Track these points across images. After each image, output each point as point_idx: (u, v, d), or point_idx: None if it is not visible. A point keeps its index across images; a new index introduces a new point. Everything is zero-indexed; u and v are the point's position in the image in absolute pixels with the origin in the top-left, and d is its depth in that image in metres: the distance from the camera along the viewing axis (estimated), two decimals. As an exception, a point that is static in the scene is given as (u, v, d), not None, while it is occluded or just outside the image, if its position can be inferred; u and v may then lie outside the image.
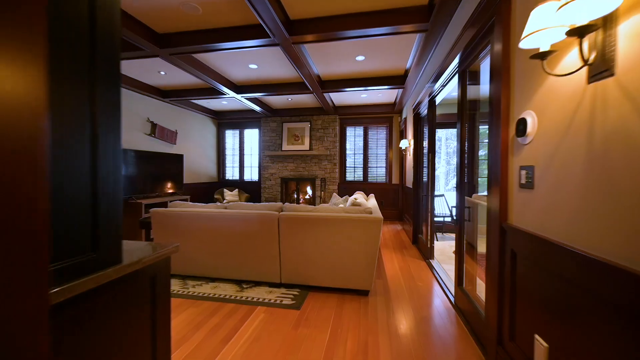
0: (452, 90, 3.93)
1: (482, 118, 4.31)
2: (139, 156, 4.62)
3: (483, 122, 4.63)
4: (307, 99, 5.70)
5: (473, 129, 4.38)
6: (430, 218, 3.44)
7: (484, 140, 4.77)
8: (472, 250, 3.05)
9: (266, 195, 6.88)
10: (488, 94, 1.65)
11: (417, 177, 4.21)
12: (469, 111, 2.29)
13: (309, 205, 2.69)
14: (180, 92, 5.12)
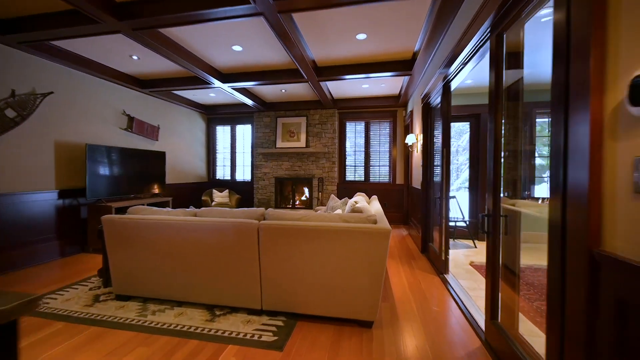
0: (466, 77, 3.37)
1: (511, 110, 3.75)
2: (112, 153, 4.08)
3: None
4: (303, 91, 5.16)
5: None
6: (444, 225, 2.89)
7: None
8: (506, 271, 2.50)
9: (259, 197, 6.35)
10: (528, 81, 1.11)
11: (427, 177, 3.67)
12: (504, 99, 1.75)
13: (298, 211, 2.15)
14: (160, 82, 4.58)
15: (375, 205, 2.95)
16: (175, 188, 5.67)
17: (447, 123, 2.90)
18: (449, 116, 2.89)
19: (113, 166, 4.12)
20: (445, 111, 2.89)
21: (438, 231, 3.36)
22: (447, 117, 2.89)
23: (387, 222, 1.98)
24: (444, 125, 2.91)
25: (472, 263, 3.37)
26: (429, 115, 3.66)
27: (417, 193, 4.25)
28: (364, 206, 2.44)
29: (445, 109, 2.89)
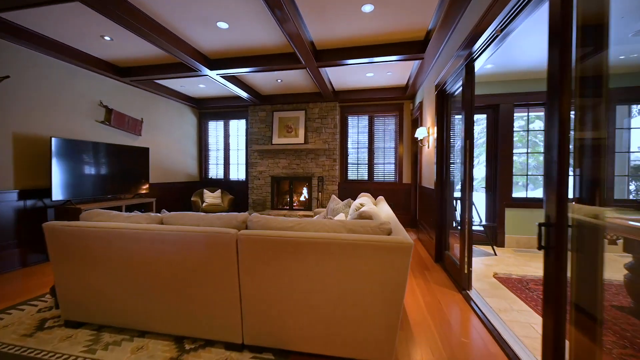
0: (486, 62, 2.82)
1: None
2: (85, 148, 3.62)
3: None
4: (301, 81, 4.69)
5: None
6: (467, 233, 2.42)
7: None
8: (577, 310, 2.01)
9: (254, 197, 5.88)
10: None
11: (442, 175, 3.19)
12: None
13: (289, 218, 1.68)
14: (142, 70, 4.11)
15: (385, 209, 2.48)
16: (162, 188, 5.21)
17: (470, 110, 2.42)
18: (473, 102, 2.42)
19: (86, 163, 3.65)
20: (468, 97, 2.42)
21: (457, 238, 2.89)
22: (471, 104, 2.41)
23: (406, 233, 1.51)
24: (466, 114, 2.43)
25: (496, 275, 2.90)
26: (445, 105, 3.19)
27: (428, 193, 3.78)
28: (372, 210, 1.97)
29: (468, 94, 2.41)
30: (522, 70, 3.66)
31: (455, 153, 3.09)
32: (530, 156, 4.29)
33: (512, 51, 3.16)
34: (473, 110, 2.42)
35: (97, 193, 3.78)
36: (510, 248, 3.92)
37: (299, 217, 5.29)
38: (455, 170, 3.12)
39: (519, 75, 3.81)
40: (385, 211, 2.31)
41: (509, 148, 3.94)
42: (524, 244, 3.92)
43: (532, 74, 3.77)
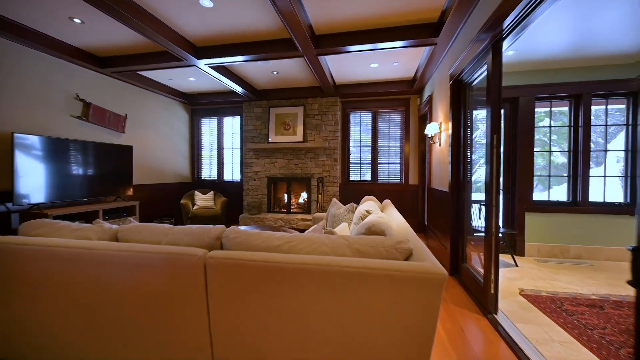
0: (509, 47, 2.39)
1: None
2: (56, 146, 3.24)
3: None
4: (299, 73, 4.30)
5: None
6: (494, 245, 2.02)
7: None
8: None
9: (249, 199, 5.49)
10: None
11: (458, 175, 2.80)
12: None
13: (277, 234, 1.28)
14: (123, 60, 3.73)
15: (395, 216, 2.09)
16: (148, 189, 4.82)
17: (497, 99, 2.03)
18: (500, 89, 2.02)
19: (58, 163, 3.27)
20: (495, 83, 2.02)
21: (475, 247, 2.50)
22: (498, 91, 2.02)
23: (432, 255, 1.12)
24: (493, 103, 2.04)
25: (523, 292, 2.50)
26: (461, 96, 2.79)
27: (440, 196, 3.39)
28: (383, 221, 1.57)
29: (496, 80, 2.02)
30: (545, 59, 3.27)
31: (475, 150, 2.70)
32: (538, 155, 3.82)
33: (535, 36, 2.77)
34: (500, 98, 2.03)
35: (71, 196, 3.40)
36: (531, 257, 3.52)
37: (297, 220, 4.91)
38: (475, 169, 2.73)
39: (541, 65, 3.42)
40: (397, 220, 1.92)
41: (529, 145, 3.55)
42: (546, 252, 3.52)
43: (557, 63, 3.37)
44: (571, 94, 3.47)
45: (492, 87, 2.04)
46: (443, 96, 3.29)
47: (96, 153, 3.71)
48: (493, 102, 2.03)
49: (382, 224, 1.37)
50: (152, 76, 4.50)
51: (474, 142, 2.71)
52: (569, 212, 3.48)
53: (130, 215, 3.92)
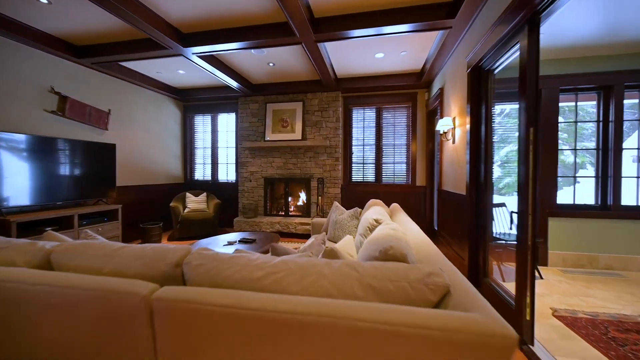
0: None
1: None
2: (26, 144, 2.90)
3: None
4: (297, 65, 3.95)
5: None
6: (531, 261, 1.67)
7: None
8: None
9: (245, 201, 5.14)
10: None
11: (478, 176, 2.44)
12: None
13: (258, 260, 0.93)
14: (103, 49, 3.39)
15: (411, 227, 1.73)
16: (136, 192, 4.48)
17: (534, 84, 1.67)
18: (537, 71, 1.67)
19: (28, 162, 2.93)
20: (532, 64, 1.66)
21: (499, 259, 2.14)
22: (535, 74, 1.66)
23: (481, 296, 0.76)
24: (529, 90, 1.68)
25: (557, 313, 2.14)
26: (482, 86, 2.43)
27: (454, 200, 3.03)
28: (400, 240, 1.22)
29: (533, 61, 1.66)
30: (572, 45, 2.91)
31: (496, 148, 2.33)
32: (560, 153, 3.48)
33: (562, 18, 2.42)
34: (537, 83, 1.67)
35: (44, 199, 3.06)
36: (556, 267, 3.16)
37: (295, 224, 4.49)
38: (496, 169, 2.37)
39: (567, 52, 3.05)
40: (413, 232, 1.57)
41: (553, 143, 3.18)
42: (571, 262, 3.16)
43: (585, 50, 3.01)
44: (601, 86, 3.11)
45: (527, 69, 1.68)
46: (458, 87, 2.93)
47: (73, 152, 3.37)
48: (529, 88, 1.67)
49: (402, 246, 1.01)
50: (139, 69, 4.16)
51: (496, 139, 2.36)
52: (598, 217, 3.11)
53: (112, 220, 3.58)
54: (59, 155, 3.22)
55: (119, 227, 3.61)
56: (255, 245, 2.68)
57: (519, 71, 1.78)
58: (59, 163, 3.21)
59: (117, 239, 3.58)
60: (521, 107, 1.75)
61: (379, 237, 1.20)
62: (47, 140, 3.10)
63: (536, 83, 1.66)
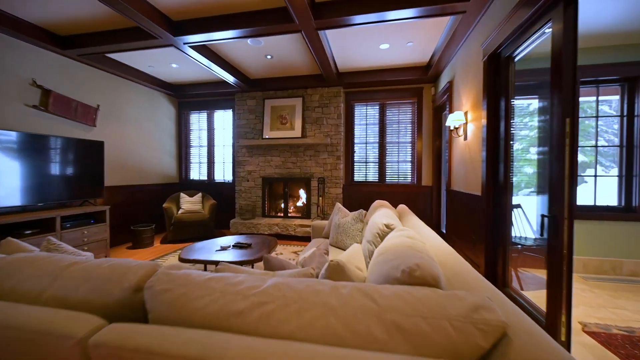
0: None
1: None
2: (7, 141, 2.68)
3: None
4: (297, 57, 3.72)
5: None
6: (567, 273, 1.44)
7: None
8: None
9: (242, 202, 4.91)
10: None
11: (496, 176, 2.21)
12: None
13: (244, 281, 0.70)
14: (89, 39, 3.16)
15: (426, 233, 1.51)
16: (127, 192, 4.25)
17: (572, 69, 1.44)
18: (576, 51, 1.44)
19: (5, 160, 2.71)
20: (568, 43, 1.43)
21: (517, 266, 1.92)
22: (572, 54, 1.43)
23: (554, 344, 0.53)
24: (566, 75, 1.45)
25: (587, 328, 1.91)
26: (501, 75, 2.20)
27: (465, 201, 2.80)
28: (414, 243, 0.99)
29: (570, 41, 1.43)
30: (594, 33, 2.67)
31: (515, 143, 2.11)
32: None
33: (581, 5, 2.19)
34: (576, 65, 1.44)
35: (24, 200, 2.83)
36: (576, 274, 2.93)
37: (295, 226, 4.23)
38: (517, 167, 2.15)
39: (590, 41, 2.82)
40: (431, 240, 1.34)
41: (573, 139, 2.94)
42: (593, 268, 2.93)
43: (607, 38, 2.77)
44: (625, 77, 2.88)
45: (563, 52, 1.45)
46: (470, 79, 2.70)
47: (57, 149, 3.14)
48: (566, 73, 1.44)
49: (431, 264, 0.78)
50: (129, 62, 3.93)
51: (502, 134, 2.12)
52: (622, 220, 2.88)
53: (100, 223, 3.35)
54: (40, 153, 2.99)
55: (107, 229, 3.38)
56: (251, 250, 2.45)
57: (552, 55, 1.55)
58: (40, 161, 2.99)
59: (105, 242, 3.35)
60: (554, 96, 1.52)
61: (396, 249, 0.97)
62: (27, 136, 2.88)
63: (574, 66, 1.43)
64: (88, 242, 3.16)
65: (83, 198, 3.42)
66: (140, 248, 3.90)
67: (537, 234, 3.01)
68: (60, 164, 3.18)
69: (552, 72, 1.54)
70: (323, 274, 0.99)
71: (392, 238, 1.22)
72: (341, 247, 2.35)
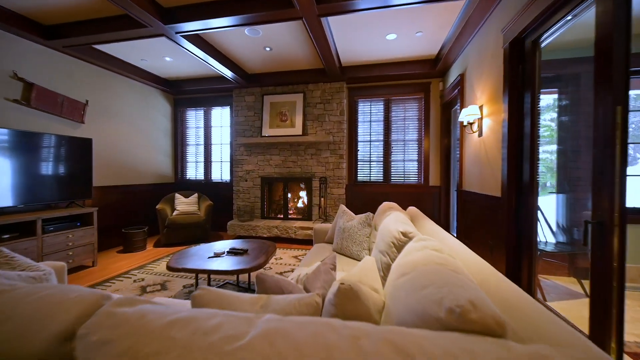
0: None
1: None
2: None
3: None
4: (297, 50, 3.50)
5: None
6: (618, 292, 1.21)
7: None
8: None
9: (240, 203, 4.70)
10: None
11: (518, 174, 1.99)
12: None
13: (226, 325, 0.47)
14: (75, 29, 2.94)
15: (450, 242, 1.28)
16: (119, 192, 4.04)
17: (624, 48, 1.22)
18: (630, 27, 1.21)
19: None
20: (622, 15, 1.21)
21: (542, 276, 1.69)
22: (626, 31, 1.21)
23: None
24: (617, 58, 1.23)
25: (628, 348, 1.68)
26: (527, 63, 1.97)
27: (480, 203, 2.58)
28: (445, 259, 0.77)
29: (622, 15, 1.21)
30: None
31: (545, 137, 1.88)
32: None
33: None
34: (630, 41, 1.21)
35: (3, 201, 2.62)
36: (600, 282, 2.69)
37: (296, 229, 4.00)
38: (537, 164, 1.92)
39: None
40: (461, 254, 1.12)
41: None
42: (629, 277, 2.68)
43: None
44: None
45: (614, 29, 1.23)
46: (486, 69, 2.47)
47: (40, 147, 2.93)
48: (616, 55, 1.22)
49: (486, 302, 0.55)
50: (120, 55, 3.72)
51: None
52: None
53: (87, 225, 3.14)
54: (23, 151, 2.77)
55: (94, 233, 3.16)
56: (247, 257, 2.23)
57: (596, 34, 1.32)
58: (23, 160, 2.77)
59: (92, 246, 3.14)
60: (600, 86, 1.30)
61: (426, 270, 0.75)
62: (8, 133, 2.66)
63: (627, 44, 1.20)
64: (73, 247, 2.95)
65: (70, 199, 3.20)
66: (132, 252, 3.68)
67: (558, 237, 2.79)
68: (45, 163, 2.96)
69: (596, 59, 1.32)
70: (331, 299, 0.77)
71: (414, 251, 1.00)
72: (347, 254, 2.13)
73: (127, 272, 2.96)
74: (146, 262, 3.31)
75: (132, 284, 2.64)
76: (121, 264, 3.23)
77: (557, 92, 2.97)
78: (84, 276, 2.90)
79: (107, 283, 2.68)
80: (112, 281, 2.72)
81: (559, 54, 2.82)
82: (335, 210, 4.30)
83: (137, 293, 2.45)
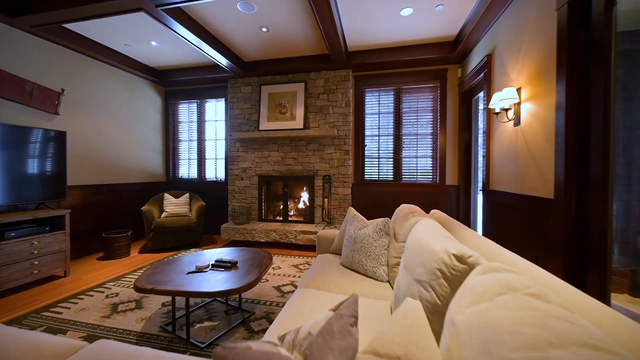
0: None
1: None
2: None
3: None
4: (298, 32, 3.08)
5: None
6: None
7: None
8: None
9: (235, 203, 4.28)
10: None
11: (584, 172, 1.55)
12: None
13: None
14: (40, 3, 2.54)
15: (529, 269, 0.85)
16: (101, 192, 3.64)
17: None
18: None
19: None
20: None
21: None
22: None
23: None
24: None
25: None
26: (594, 29, 1.53)
27: (518, 206, 2.14)
28: (570, 327, 0.34)
29: None
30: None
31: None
32: None
33: None
34: None
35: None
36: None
37: (296, 232, 3.53)
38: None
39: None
40: (554, 286, 0.68)
41: None
42: (683, 292, 2.23)
43: None
44: None
45: None
46: (528, 42, 2.03)
47: (1, 140, 2.53)
48: None
49: None
50: (100, 38, 3.31)
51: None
52: None
53: (57, 230, 2.74)
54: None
55: (66, 238, 2.77)
56: (236, 272, 1.81)
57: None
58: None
59: (64, 253, 2.74)
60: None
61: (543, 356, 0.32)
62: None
63: None
64: (40, 255, 2.55)
65: (39, 200, 2.80)
66: (113, 259, 3.29)
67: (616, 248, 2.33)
68: (6, 159, 2.57)
69: None
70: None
71: (495, 297, 0.58)
72: (359, 271, 1.71)
73: (102, 285, 2.56)
74: (127, 271, 2.91)
75: (102, 301, 2.24)
76: (97, 274, 2.83)
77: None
78: (52, 289, 2.50)
79: (74, 299, 2.28)
80: (80, 296, 2.32)
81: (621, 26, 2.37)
82: (340, 212, 3.88)
83: (105, 313, 2.04)
